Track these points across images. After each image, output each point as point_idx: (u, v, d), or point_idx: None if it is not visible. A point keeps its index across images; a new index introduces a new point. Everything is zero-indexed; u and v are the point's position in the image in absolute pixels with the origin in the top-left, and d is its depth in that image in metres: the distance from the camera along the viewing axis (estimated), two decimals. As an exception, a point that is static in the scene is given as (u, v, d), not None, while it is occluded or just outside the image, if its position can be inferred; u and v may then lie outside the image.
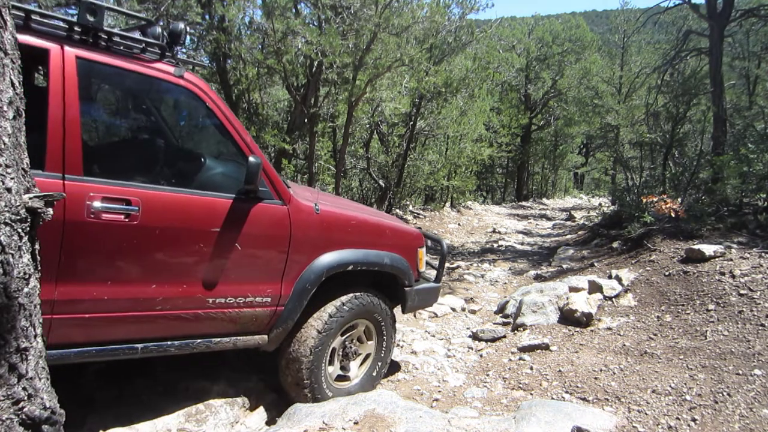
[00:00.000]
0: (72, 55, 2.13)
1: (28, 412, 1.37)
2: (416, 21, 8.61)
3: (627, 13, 22.93)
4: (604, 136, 21.00)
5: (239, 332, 2.72)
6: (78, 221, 2.08)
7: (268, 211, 2.65)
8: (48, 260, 2.01)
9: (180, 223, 2.38)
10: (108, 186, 2.17)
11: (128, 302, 2.29)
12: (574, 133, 27.00)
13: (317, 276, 2.83)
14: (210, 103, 2.51)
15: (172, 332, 2.49)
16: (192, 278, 2.46)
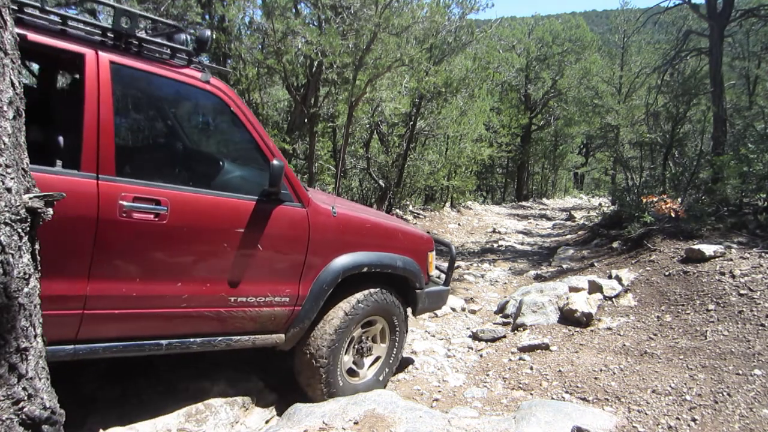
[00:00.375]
0: (106, 60, 2.21)
1: (28, 412, 1.37)
2: (416, 21, 8.61)
3: (627, 13, 22.93)
4: (604, 136, 21.00)
5: (258, 331, 2.78)
6: (110, 219, 2.15)
7: (289, 213, 2.72)
8: (81, 257, 2.12)
9: (206, 224, 2.46)
10: (139, 186, 2.24)
11: (155, 299, 2.36)
12: (574, 133, 27.00)
13: (334, 277, 2.89)
14: (234, 107, 2.60)
15: (195, 330, 2.55)
16: (216, 277, 2.53)
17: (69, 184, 2.06)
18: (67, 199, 1.97)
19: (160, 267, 2.37)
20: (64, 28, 2.14)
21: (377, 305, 3.17)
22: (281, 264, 2.75)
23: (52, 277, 2.00)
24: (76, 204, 2.08)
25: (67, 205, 2.00)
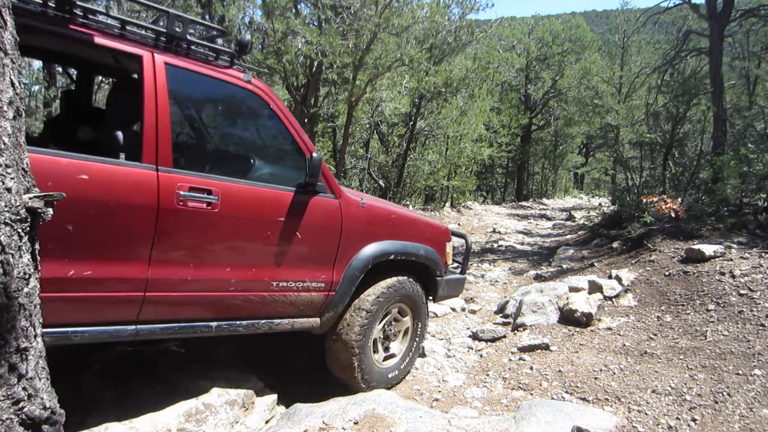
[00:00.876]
0: (161, 61, 2.40)
1: (28, 412, 1.37)
2: (416, 21, 8.61)
3: (627, 13, 22.94)
4: (604, 136, 21.01)
5: (296, 315, 2.95)
6: (169, 208, 2.31)
7: (324, 204, 2.91)
8: (143, 242, 2.29)
9: (251, 212, 2.63)
10: (193, 177, 2.41)
11: (207, 283, 2.52)
12: (574, 133, 27.01)
13: (364, 264, 3.10)
14: (273, 105, 2.81)
15: (241, 313, 2.71)
16: (260, 263, 2.70)
17: (132, 174, 2.25)
18: (131, 188, 2.24)
19: (211, 253, 2.53)
20: (123, 31, 2.33)
21: (403, 292, 3.37)
22: (317, 251, 2.93)
23: (118, 262, 2.24)
24: (139, 193, 2.25)
25: (131, 194, 2.22)
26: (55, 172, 2.03)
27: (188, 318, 2.53)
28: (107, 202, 2.17)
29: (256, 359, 3.63)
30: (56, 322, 2.11)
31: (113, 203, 2.18)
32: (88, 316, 2.24)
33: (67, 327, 2.17)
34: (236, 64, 2.68)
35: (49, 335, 2.06)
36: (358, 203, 3.11)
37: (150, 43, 2.40)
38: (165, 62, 2.41)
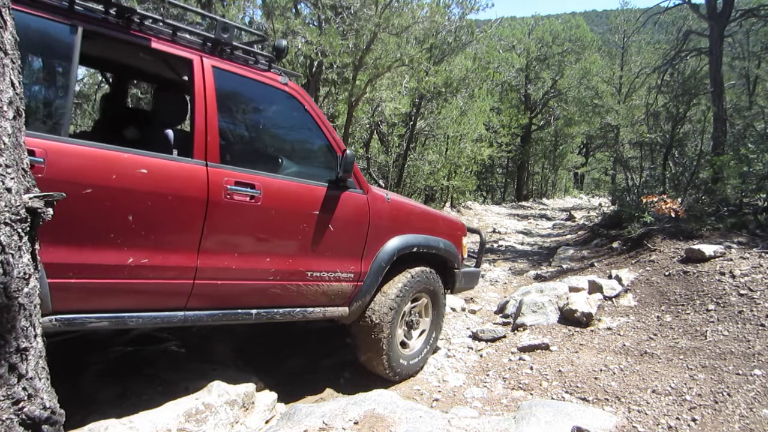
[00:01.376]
0: (209, 65, 2.58)
1: (28, 412, 1.37)
2: (416, 21, 8.61)
3: (627, 13, 22.93)
4: (604, 136, 21.00)
5: (327, 304, 3.12)
6: (217, 200, 2.47)
7: (353, 198, 3.10)
8: (193, 233, 2.44)
9: (290, 206, 2.81)
10: (238, 172, 2.57)
11: (249, 272, 2.68)
12: (574, 133, 27.00)
13: (390, 256, 3.29)
14: (307, 106, 3.00)
15: (278, 301, 2.88)
16: (297, 253, 2.88)
17: (185, 169, 2.42)
18: (184, 181, 2.40)
19: (253, 243, 2.71)
20: (175, 36, 2.51)
21: (424, 283, 3.56)
22: (347, 243, 3.11)
23: (171, 250, 2.40)
24: (191, 186, 2.42)
25: (184, 187, 2.39)
26: (118, 165, 2.20)
27: (231, 305, 2.70)
28: (163, 194, 2.33)
29: (255, 359, 3.63)
30: (115, 307, 2.30)
31: (168, 195, 2.35)
32: (143, 302, 2.39)
33: (124, 312, 2.33)
34: (273, 67, 2.88)
35: (107, 320, 2.28)
36: (383, 199, 3.31)
37: (198, 47, 2.58)
38: (212, 65, 2.59)
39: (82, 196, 2.09)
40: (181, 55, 2.50)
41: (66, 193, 1.92)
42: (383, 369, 3.37)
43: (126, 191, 2.22)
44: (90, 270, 2.18)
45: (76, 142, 2.20)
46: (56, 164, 2.04)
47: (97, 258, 2.19)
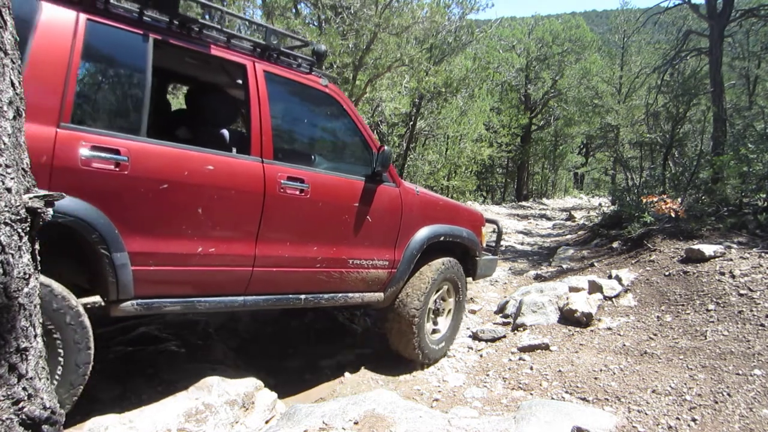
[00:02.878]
0: (261, 69, 2.81)
1: (28, 412, 1.37)
2: (416, 21, 8.61)
3: (627, 13, 22.92)
4: (604, 136, 20.99)
5: (365, 290, 3.36)
6: (272, 194, 2.71)
7: (388, 191, 3.34)
8: (253, 223, 2.66)
9: (334, 198, 3.05)
10: (289, 167, 2.82)
11: (299, 260, 2.92)
12: (574, 133, 27.00)
13: (420, 245, 3.53)
14: (346, 106, 3.26)
15: (323, 287, 3.12)
16: (340, 242, 3.11)
17: (245, 165, 2.65)
18: (245, 176, 2.62)
19: (302, 233, 2.92)
20: (229, 42, 2.72)
21: (450, 271, 3.79)
22: (383, 232, 3.34)
23: (234, 240, 2.62)
24: (251, 181, 2.65)
25: (245, 182, 2.61)
26: (189, 163, 2.42)
27: (284, 291, 2.93)
28: (227, 188, 2.55)
29: (255, 359, 3.63)
30: (186, 293, 2.54)
31: (232, 190, 2.57)
32: (210, 288, 2.62)
33: (193, 297, 2.56)
34: (314, 70, 3.10)
35: (180, 304, 2.51)
36: (413, 191, 3.57)
37: (249, 53, 2.79)
38: (264, 70, 2.82)
39: (159, 191, 2.32)
40: (236, 61, 2.73)
41: (146, 189, 2.28)
42: (414, 351, 3.59)
43: (196, 186, 2.45)
44: (166, 258, 2.40)
45: (154, 141, 2.37)
46: (138, 162, 2.25)
47: (172, 247, 2.41)
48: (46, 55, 2.07)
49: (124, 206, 2.24)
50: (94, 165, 2.14)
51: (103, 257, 2.17)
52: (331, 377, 3.58)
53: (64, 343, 2.09)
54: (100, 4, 2.27)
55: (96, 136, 2.17)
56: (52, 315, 2.02)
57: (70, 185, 2.05)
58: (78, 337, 2.13)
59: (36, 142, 1.93)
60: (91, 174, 2.13)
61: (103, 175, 2.17)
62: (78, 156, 2.10)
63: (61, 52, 2.11)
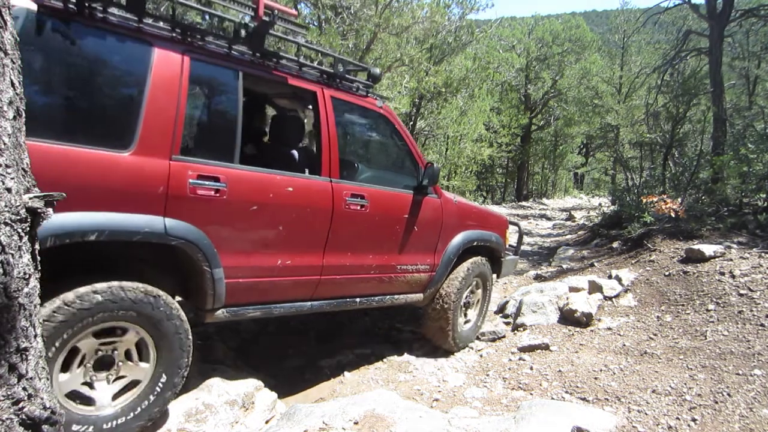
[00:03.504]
0: (328, 95, 3.07)
1: (28, 412, 1.37)
2: (416, 21, 8.61)
3: (627, 13, 22.92)
4: (604, 136, 20.99)
5: (408, 291, 3.68)
6: (339, 210, 2.99)
7: (431, 202, 3.65)
8: (321, 237, 2.95)
9: (388, 211, 3.35)
10: (352, 185, 3.11)
11: (357, 268, 3.22)
12: (574, 133, 26.98)
13: (457, 249, 3.88)
14: (397, 125, 3.56)
15: (375, 291, 3.43)
16: (390, 250, 3.42)
17: (317, 185, 2.93)
18: (317, 196, 2.89)
19: (361, 243, 3.22)
20: (300, 71, 2.96)
21: (479, 268, 4.17)
22: (426, 240, 3.64)
23: (306, 252, 2.91)
24: (322, 199, 2.92)
25: (317, 201, 2.89)
26: (273, 185, 2.69)
27: (343, 295, 3.24)
28: (303, 206, 2.83)
29: (255, 359, 3.63)
30: (266, 300, 2.81)
31: (307, 208, 2.85)
32: (284, 295, 2.89)
33: (270, 304, 2.83)
34: (370, 92, 3.38)
35: (260, 310, 2.78)
36: (452, 201, 3.88)
37: (316, 79, 3.04)
38: (330, 95, 3.08)
39: (249, 212, 2.58)
40: (308, 88, 3.00)
41: (239, 211, 2.54)
42: (448, 341, 3.99)
43: (279, 206, 2.71)
44: (252, 271, 2.67)
45: (245, 167, 2.61)
46: (234, 187, 2.50)
47: (257, 261, 2.68)
48: (162, 94, 2.31)
49: (221, 227, 2.49)
50: (198, 192, 2.39)
51: (205, 273, 2.44)
52: (331, 377, 3.58)
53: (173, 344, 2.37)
54: (197, 42, 2.51)
55: (200, 165, 2.41)
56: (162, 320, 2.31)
57: (182, 212, 2.33)
58: (182, 343, 2.41)
59: (154, 173, 2.25)
60: (197, 200, 2.38)
61: (206, 201, 2.42)
62: (187, 184, 2.35)
63: (172, 89, 2.34)
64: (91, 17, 2.17)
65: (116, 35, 2.24)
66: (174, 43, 2.40)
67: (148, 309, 2.25)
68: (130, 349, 2.31)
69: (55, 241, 1.97)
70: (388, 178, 3.57)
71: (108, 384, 2.25)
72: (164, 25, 2.41)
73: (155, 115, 2.28)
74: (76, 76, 2.18)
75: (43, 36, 2.05)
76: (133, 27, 2.29)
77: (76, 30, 2.13)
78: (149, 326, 2.29)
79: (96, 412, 2.18)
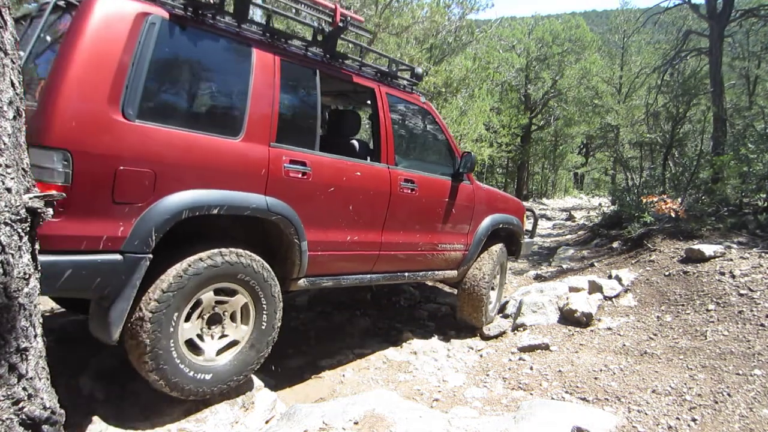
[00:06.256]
0: (384, 91, 3.54)
1: (28, 412, 1.37)
2: (416, 21, 8.61)
3: (627, 13, 22.94)
4: (604, 136, 20.99)
5: (445, 268, 4.14)
6: (395, 193, 3.43)
7: (466, 188, 4.11)
8: (381, 217, 3.37)
9: (433, 195, 3.80)
10: (405, 171, 3.55)
11: (408, 245, 3.67)
12: (574, 133, 26.99)
13: (486, 231, 4.35)
14: (438, 119, 4.07)
15: (420, 266, 3.88)
16: (433, 230, 3.86)
17: (378, 170, 3.37)
18: (379, 180, 3.33)
19: (411, 223, 3.65)
20: (360, 69, 3.42)
21: (503, 256, 4.68)
22: (461, 221, 4.09)
23: (369, 229, 3.32)
24: (382, 183, 3.36)
25: (378, 184, 3.32)
26: (345, 169, 3.11)
27: (396, 269, 3.68)
28: (368, 189, 3.25)
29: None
30: (336, 272, 3.23)
31: (371, 191, 3.27)
32: (350, 268, 3.32)
33: (339, 275, 3.25)
34: (414, 89, 3.90)
35: (331, 280, 3.20)
36: (481, 187, 4.35)
37: (373, 77, 3.50)
38: (386, 92, 3.55)
39: (328, 193, 2.98)
40: (368, 85, 3.44)
41: (320, 191, 2.93)
42: (479, 318, 4.43)
43: (350, 188, 3.12)
44: (328, 245, 3.06)
45: (324, 154, 3.01)
46: (317, 171, 2.90)
47: (332, 236, 3.07)
48: (262, 90, 2.70)
49: (306, 205, 2.86)
50: (290, 174, 2.77)
51: (295, 245, 2.81)
52: (331, 377, 3.58)
53: (268, 308, 2.73)
54: (283, 44, 2.92)
55: (292, 152, 2.80)
56: (263, 285, 2.67)
57: (278, 191, 2.70)
58: (275, 306, 2.76)
59: (258, 157, 2.63)
60: (290, 181, 2.77)
61: (296, 182, 2.80)
62: (282, 168, 2.73)
63: (270, 86, 2.74)
64: (204, 23, 2.54)
65: (226, 39, 2.63)
66: (267, 45, 2.80)
67: (251, 272, 2.59)
68: (236, 311, 2.66)
69: (188, 214, 2.31)
70: (430, 166, 3.96)
71: (212, 340, 2.59)
72: (256, 29, 2.80)
73: (257, 107, 2.66)
74: (200, 72, 2.61)
75: (173, 39, 2.41)
76: (236, 31, 2.68)
77: (195, 34, 2.50)
78: (251, 288, 2.63)
79: (210, 363, 2.55)
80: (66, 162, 1.99)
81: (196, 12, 2.49)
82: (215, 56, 2.63)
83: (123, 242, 2.17)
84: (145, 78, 2.25)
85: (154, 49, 2.28)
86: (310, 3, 3.08)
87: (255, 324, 2.70)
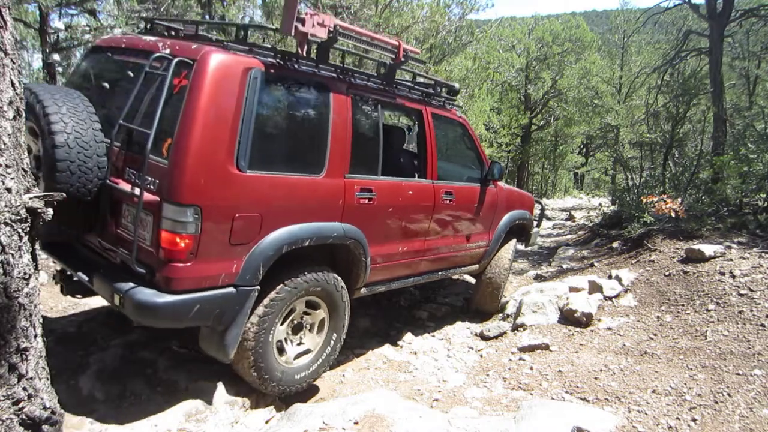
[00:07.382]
0: (429, 111, 3.84)
1: (28, 412, 1.37)
2: (416, 21, 8.61)
3: (627, 13, 22.93)
4: (604, 136, 20.98)
5: (470, 263, 4.58)
6: (437, 204, 3.81)
7: (491, 192, 4.50)
8: (425, 227, 3.76)
9: (465, 202, 4.18)
10: (445, 184, 3.92)
11: (444, 248, 4.06)
12: (574, 133, 26.95)
13: (505, 227, 4.76)
14: (471, 132, 4.41)
15: (451, 264, 4.32)
16: (464, 232, 4.27)
17: (424, 187, 3.73)
18: (426, 195, 3.70)
19: (448, 228, 4.04)
20: (409, 93, 3.69)
21: (515, 251, 5.04)
22: (485, 221, 4.49)
23: (415, 240, 3.70)
24: (427, 198, 3.72)
25: (425, 198, 3.69)
26: (400, 190, 3.48)
27: (433, 270, 4.08)
28: (417, 205, 3.62)
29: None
30: (387, 278, 3.63)
31: (419, 206, 3.65)
32: (399, 274, 3.73)
33: (391, 281, 3.67)
34: (451, 105, 4.18)
35: (383, 286, 3.61)
36: (502, 188, 4.70)
37: (419, 99, 3.77)
38: (431, 112, 3.85)
39: (386, 213, 3.35)
40: (416, 108, 3.74)
41: (381, 212, 3.30)
42: (496, 305, 4.92)
43: (403, 206, 3.48)
44: (384, 257, 3.44)
45: (384, 178, 3.35)
46: (379, 195, 3.24)
47: (387, 250, 3.45)
48: (339, 126, 2.96)
49: (370, 226, 3.21)
50: (360, 201, 3.12)
51: (362, 262, 3.21)
52: (331, 377, 3.58)
53: (339, 314, 3.17)
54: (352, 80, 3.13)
55: (362, 180, 3.13)
56: (336, 296, 3.08)
57: (350, 217, 3.04)
58: (345, 312, 3.22)
59: (337, 190, 2.95)
60: (360, 207, 3.11)
61: (364, 207, 3.15)
62: (354, 196, 3.06)
63: (345, 121, 3.00)
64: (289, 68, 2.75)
65: (308, 82, 2.86)
66: (340, 82, 3.02)
67: (331, 288, 3.03)
68: (314, 323, 3.10)
69: (287, 249, 2.68)
70: (464, 174, 4.34)
71: (292, 345, 3.02)
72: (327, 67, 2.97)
73: (336, 144, 2.94)
74: (290, 117, 2.87)
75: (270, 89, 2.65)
76: (314, 73, 2.88)
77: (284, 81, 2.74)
78: (330, 301, 3.07)
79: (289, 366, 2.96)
80: (197, 216, 2.29)
81: (284, 59, 2.72)
82: (301, 100, 2.91)
83: (236, 277, 2.51)
84: (252, 130, 2.48)
85: (258, 101, 2.52)
86: (381, 42, 3.28)
87: (326, 336, 3.15)
